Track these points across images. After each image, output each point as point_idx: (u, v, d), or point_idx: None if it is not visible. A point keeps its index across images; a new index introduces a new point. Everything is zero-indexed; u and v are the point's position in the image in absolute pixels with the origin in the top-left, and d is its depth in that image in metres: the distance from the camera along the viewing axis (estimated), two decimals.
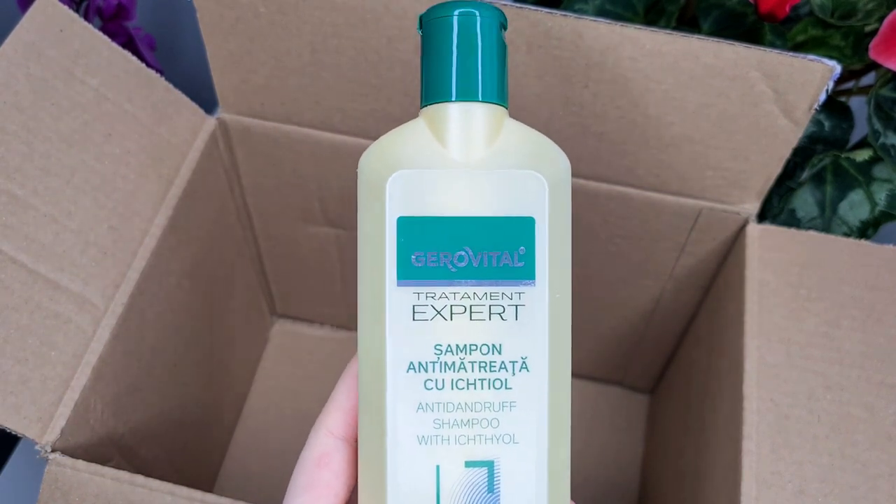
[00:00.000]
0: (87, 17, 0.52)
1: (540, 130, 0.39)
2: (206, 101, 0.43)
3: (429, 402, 0.23)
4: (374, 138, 0.42)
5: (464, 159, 0.24)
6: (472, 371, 0.23)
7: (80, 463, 0.32)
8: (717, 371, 0.40)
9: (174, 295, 0.42)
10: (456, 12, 0.24)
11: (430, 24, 0.25)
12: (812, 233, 0.38)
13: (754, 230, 0.39)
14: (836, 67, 0.33)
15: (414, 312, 0.23)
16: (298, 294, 0.58)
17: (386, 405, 0.23)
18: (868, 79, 0.43)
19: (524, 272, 0.24)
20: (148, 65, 0.40)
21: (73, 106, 0.36)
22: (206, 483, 0.52)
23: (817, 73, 0.34)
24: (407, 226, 0.23)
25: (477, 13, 0.24)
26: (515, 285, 0.24)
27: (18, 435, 0.32)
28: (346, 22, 0.37)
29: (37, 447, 0.32)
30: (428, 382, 0.23)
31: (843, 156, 0.42)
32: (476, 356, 0.23)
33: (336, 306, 0.58)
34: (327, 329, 0.60)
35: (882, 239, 0.39)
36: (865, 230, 0.42)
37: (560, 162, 0.24)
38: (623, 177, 0.40)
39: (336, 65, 0.39)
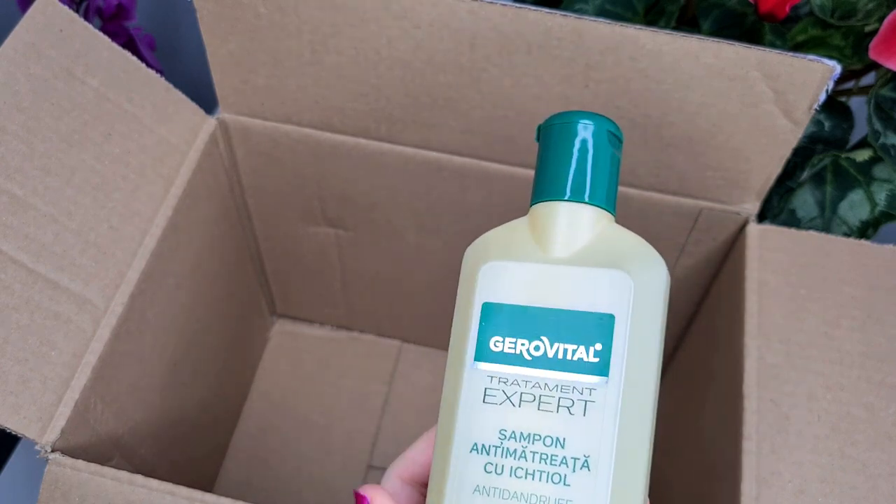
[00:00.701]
0: (87, 17, 0.52)
1: None
2: (206, 101, 0.43)
3: (487, 485, 0.23)
4: (374, 138, 0.42)
5: (555, 255, 0.24)
6: (533, 461, 0.23)
7: (80, 463, 0.32)
8: (717, 371, 0.40)
9: (174, 295, 0.42)
10: (571, 120, 0.26)
11: (549, 130, 0.27)
12: (812, 233, 0.38)
13: (754, 230, 0.39)
14: (836, 67, 0.33)
15: (485, 394, 0.24)
16: (298, 294, 0.58)
17: (447, 482, 0.24)
18: (868, 79, 0.43)
19: (598, 368, 0.23)
20: (148, 65, 0.40)
21: (73, 106, 0.36)
22: (206, 483, 0.52)
23: (817, 73, 0.34)
24: (490, 311, 0.24)
25: (592, 124, 0.26)
26: (587, 380, 0.23)
27: (18, 435, 0.32)
28: (346, 22, 0.37)
29: (37, 447, 0.32)
30: (488, 466, 0.23)
31: (843, 156, 0.42)
32: (538, 447, 0.23)
33: (336, 306, 0.58)
34: (327, 329, 0.60)
35: (882, 239, 0.39)
36: (865, 230, 0.42)
37: (654, 265, 0.25)
38: (623, 177, 0.40)
39: (336, 65, 0.39)
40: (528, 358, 0.24)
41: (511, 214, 0.44)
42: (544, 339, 0.24)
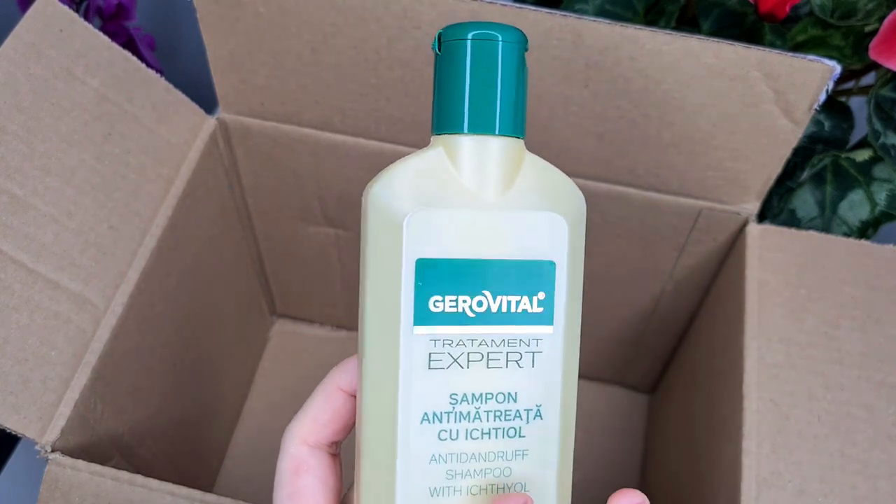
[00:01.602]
0: (87, 17, 0.52)
1: (540, 131, 0.39)
2: (206, 101, 0.43)
3: (442, 453, 0.23)
4: (374, 138, 0.42)
5: (483, 197, 0.22)
6: (488, 420, 0.23)
7: (80, 463, 0.32)
8: (717, 371, 0.40)
9: (174, 295, 0.42)
10: (490, 35, 0.22)
11: (449, 46, 0.23)
12: (812, 233, 0.38)
13: (754, 230, 0.39)
14: (836, 67, 0.33)
15: (430, 360, 0.22)
16: (298, 294, 0.58)
17: (397, 458, 0.22)
18: (868, 79, 0.43)
19: (543, 318, 0.23)
20: (148, 65, 0.40)
21: (73, 106, 0.36)
22: (206, 483, 0.52)
23: (817, 73, 0.34)
24: (426, 268, 0.22)
25: (499, 37, 0.23)
26: (533, 331, 0.23)
27: (18, 435, 0.32)
28: (346, 22, 0.37)
29: (37, 447, 0.32)
30: (442, 433, 0.23)
31: (843, 156, 0.42)
32: (492, 405, 0.23)
33: (336, 306, 0.58)
34: (327, 329, 0.60)
35: (882, 239, 0.39)
36: (865, 230, 0.42)
37: (578, 202, 0.24)
38: (623, 177, 0.40)
39: (336, 65, 0.39)
40: (472, 315, 0.22)
41: None
42: (486, 293, 0.22)
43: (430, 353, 0.22)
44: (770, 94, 0.35)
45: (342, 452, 0.26)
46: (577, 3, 0.43)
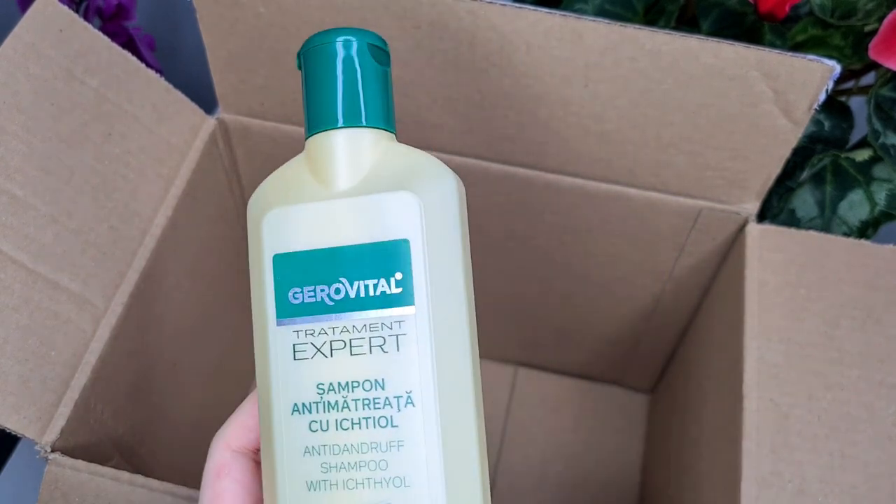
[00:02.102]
0: (87, 17, 0.52)
1: (540, 131, 0.39)
2: (206, 101, 0.43)
3: (315, 445, 0.22)
4: None
5: (338, 189, 0.23)
6: (356, 409, 0.22)
7: (80, 463, 0.32)
8: (717, 371, 0.40)
9: (174, 295, 0.42)
10: (328, 40, 0.24)
11: (308, 55, 0.24)
12: (812, 233, 0.38)
13: (754, 230, 0.39)
14: (836, 67, 0.33)
15: (294, 351, 0.22)
16: None
17: (274, 449, 0.22)
18: (868, 79, 0.43)
19: (401, 298, 0.22)
20: (148, 65, 0.40)
21: (73, 106, 0.36)
22: None
23: (817, 73, 0.34)
24: (282, 263, 0.23)
25: (354, 39, 0.24)
26: (394, 313, 0.22)
27: (18, 435, 0.32)
28: (346, 22, 0.37)
29: (37, 447, 0.32)
30: (312, 424, 0.22)
31: (842, 156, 0.42)
32: (359, 393, 0.22)
33: None
34: None
35: (882, 239, 0.39)
36: (865, 230, 0.42)
37: (442, 180, 0.23)
38: (623, 177, 0.40)
39: None
40: (331, 303, 0.22)
41: (512, 214, 0.44)
42: (343, 280, 0.22)
43: (294, 345, 0.23)
44: (770, 93, 0.35)
45: None
46: (577, 3, 0.43)
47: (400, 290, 0.22)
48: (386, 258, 0.22)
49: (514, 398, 0.57)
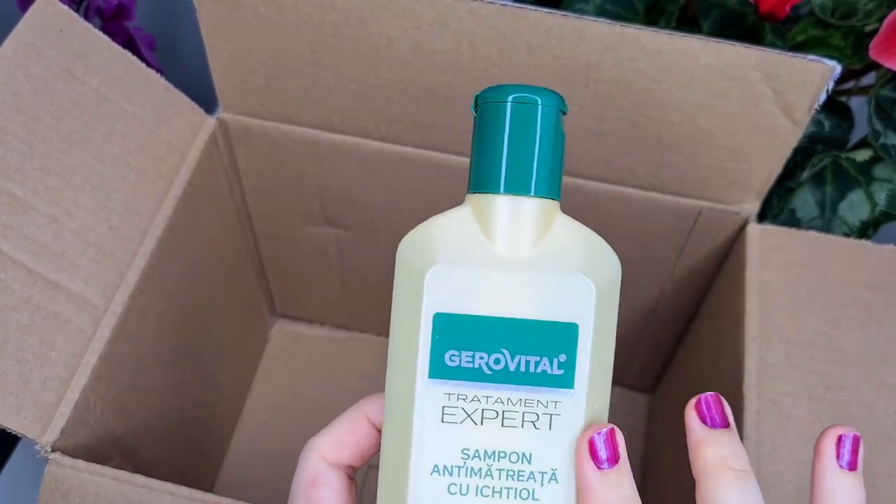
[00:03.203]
0: (87, 17, 0.52)
1: None
2: (206, 101, 0.43)
3: None
4: (374, 138, 0.42)
5: (509, 256, 0.23)
6: (499, 479, 0.22)
7: (80, 463, 0.32)
8: (717, 371, 0.40)
9: (174, 295, 0.42)
10: (524, 98, 0.23)
11: (485, 108, 0.23)
12: (812, 233, 0.38)
13: (754, 230, 0.39)
14: (836, 67, 0.33)
15: (443, 413, 0.22)
16: (298, 294, 0.58)
17: None
18: (868, 79, 0.43)
19: (562, 380, 0.22)
20: (148, 65, 0.40)
21: (73, 106, 0.36)
22: (206, 483, 0.52)
23: (817, 73, 0.34)
24: (443, 323, 0.22)
25: (538, 101, 0.23)
26: (552, 393, 0.22)
27: (18, 435, 0.32)
28: (346, 22, 0.37)
29: (37, 447, 0.32)
30: (452, 487, 0.22)
31: (843, 156, 0.42)
32: (504, 464, 0.22)
33: (336, 306, 0.58)
34: (327, 329, 0.60)
35: (882, 239, 0.39)
36: (865, 230, 0.42)
37: (610, 265, 0.23)
38: (623, 177, 0.40)
39: (336, 65, 0.39)
40: (489, 372, 0.22)
41: None
42: (505, 351, 0.22)
43: (443, 407, 0.22)
44: (770, 94, 0.35)
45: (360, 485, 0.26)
46: (577, 3, 0.43)
47: (561, 371, 0.22)
48: (553, 338, 0.22)
49: None
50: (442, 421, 0.22)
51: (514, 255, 0.23)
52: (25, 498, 0.50)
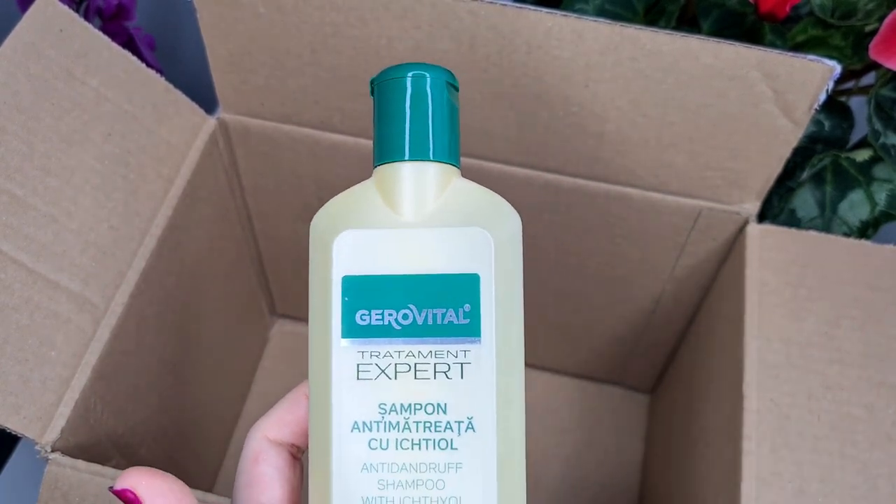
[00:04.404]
0: (87, 17, 0.52)
1: (539, 131, 0.39)
2: (206, 101, 0.43)
3: (373, 462, 0.23)
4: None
5: (410, 218, 0.24)
6: (417, 431, 0.23)
7: (80, 463, 0.32)
8: (717, 371, 0.40)
9: (174, 295, 0.42)
10: (409, 74, 0.25)
11: (382, 86, 0.25)
12: (812, 233, 0.38)
13: (754, 230, 0.39)
14: (836, 67, 0.33)
15: (358, 371, 0.23)
16: (298, 294, 0.58)
17: (331, 464, 0.23)
18: (868, 79, 0.43)
19: (469, 329, 0.23)
20: (148, 65, 0.40)
21: (73, 106, 0.36)
22: (206, 483, 0.52)
23: (817, 73, 0.34)
24: (352, 284, 0.24)
25: (427, 75, 0.25)
26: (460, 343, 0.23)
27: (18, 435, 0.32)
28: (346, 22, 0.37)
29: (37, 447, 0.32)
30: (372, 442, 0.23)
31: (843, 156, 0.42)
32: (421, 415, 0.23)
33: None
34: None
35: (882, 239, 0.39)
36: (865, 230, 0.42)
37: (509, 219, 0.24)
38: (623, 177, 0.40)
39: (336, 65, 0.39)
40: (398, 328, 0.23)
41: None
42: (412, 306, 0.23)
43: (357, 365, 0.23)
44: (770, 93, 0.35)
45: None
46: (577, 3, 0.43)
47: (467, 321, 0.23)
48: (456, 290, 0.23)
49: None
50: (357, 378, 0.23)
51: (415, 217, 0.24)
52: (25, 498, 0.50)
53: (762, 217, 0.43)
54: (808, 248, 0.38)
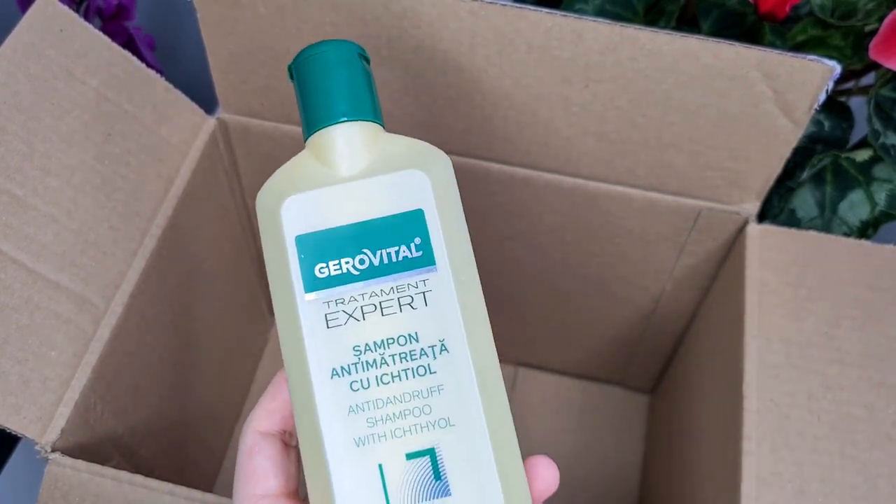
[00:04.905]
0: (87, 17, 0.52)
1: (540, 131, 0.40)
2: (206, 101, 0.43)
3: (358, 403, 0.24)
4: None
5: (348, 173, 0.25)
6: (394, 364, 0.24)
7: (80, 463, 0.32)
8: (717, 371, 0.40)
9: (174, 295, 0.42)
10: (320, 50, 0.27)
11: (301, 64, 0.27)
12: (812, 233, 0.38)
13: (754, 230, 0.39)
14: (836, 67, 0.33)
15: (327, 320, 0.24)
16: None
17: (318, 414, 0.24)
18: (868, 79, 0.43)
19: (424, 260, 0.25)
20: (148, 65, 0.40)
21: (73, 106, 0.36)
22: (206, 483, 0.52)
23: (817, 73, 0.34)
24: (305, 242, 0.25)
25: (336, 47, 0.27)
26: (418, 273, 0.25)
27: (18, 435, 0.32)
28: (346, 22, 0.37)
29: (37, 447, 0.32)
30: (353, 384, 0.24)
31: (843, 156, 0.42)
32: (395, 348, 0.24)
33: None
34: None
35: (882, 239, 0.39)
36: (865, 230, 0.42)
37: (440, 159, 0.26)
38: (623, 177, 0.40)
39: None
40: (357, 273, 0.24)
41: (512, 215, 0.44)
42: (366, 250, 0.25)
43: (325, 314, 0.24)
44: (770, 93, 0.35)
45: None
46: (577, 3, 0.43)
47: (420, 253, 0.25)
48: (405, 227, 0.25)
49: (514, 398, 0.57)
50: (328, 327, 0.24)
51: (353, 172, 0.26)
52: (25, 498, 0.50)
53: (762, 217, 0.43)
54: (808, 248, 0.38)
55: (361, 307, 0.24)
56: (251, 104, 0.42)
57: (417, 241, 0.25)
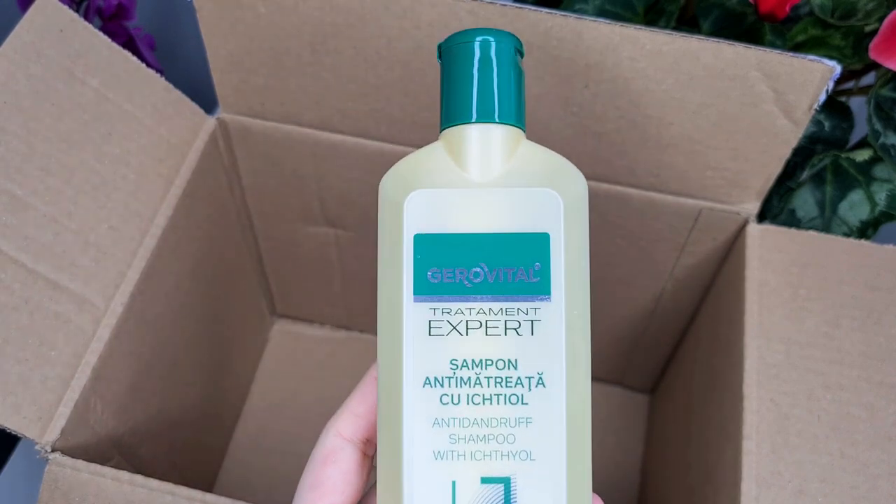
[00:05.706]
0: (87, 17, 0.52)
1: (540, 131, 0.39)
2: (206, 101, 0.43)
3: (444, 417, 0.23)
4: (374, 138, 0.42)
5: (480, 179, 0.24)
6: (488, 386, 0.23)
7: (80, 463, 0.32)
8: (717, 371, 0.40)
9: (174, 295, 0.42)
10: (476, 39, 0.25)
11: (450, 51, 0.26)
12: (812, 233, 0.38)
13: (754, 230, 0.39)
14: (836, 67, 0.33)
15: (430, 328, 0.24)
16: (298, 294, 0.58)
17: (402, 420, 0.23)
18: (868, 79, 0.43)
19: (539, 287, 0.24)
20: (148, 65, 0.40)
21: (73, 106, 0.36)
22: (206, 483, 0.52)
23: (817, 73, 0.34)
24: (423, 243, 0.24)
25: (493, 39, 0.25)
26: (531, 300, 0.24)
27: (18, 435, 0.32)
28: (346, 22, 0.37)
29: (37, 447, 0.32)
30: (444, 397, 0.23)
31: (843, 156, 0.42)
32: (492, 371, 0.23)
33: (336, 306, 0.58)
34: (327, 329, 0.60)
35: (882, 239, 0.39)
36: (865, 230, 0.42)
37: (576, 180, 0.25)
38: (623, 177, 0.40)
39: (336, 65, 0.39)
40: (469, 286, 0.24)
41: None
42: (483, 265, 0.24)
43: (429, 321, 0.24)
44: (770, 94, 0.35)
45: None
46: (577, 3, 0.43)
47: (538, 279, 0.24)
48: (527, 249, 0.24)
49: None
50: (429, 335, 0.24)
51: (485, 177, 0.24)
52: (25, 498, 0.50)
53: (762, 217, 0.43)
54: (808, 248, 0.38)
55: (467, 321, 0.24)
56: (251, 104, 0.42)
57: (537, 266, 0.24)
